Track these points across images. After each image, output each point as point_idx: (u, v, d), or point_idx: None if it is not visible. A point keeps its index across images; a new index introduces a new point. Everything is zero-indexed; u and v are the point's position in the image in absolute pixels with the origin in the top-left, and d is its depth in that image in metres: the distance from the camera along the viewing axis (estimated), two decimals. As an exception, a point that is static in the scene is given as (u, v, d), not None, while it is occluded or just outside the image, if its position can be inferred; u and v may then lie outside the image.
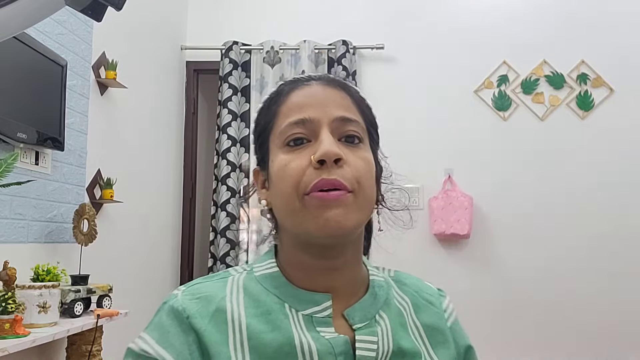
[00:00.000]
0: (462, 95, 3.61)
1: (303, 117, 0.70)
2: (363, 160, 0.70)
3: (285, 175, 0.69)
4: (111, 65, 2.73)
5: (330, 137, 0.68)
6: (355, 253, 0.74)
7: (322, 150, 0.67)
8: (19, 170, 2.09)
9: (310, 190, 0.67)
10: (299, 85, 0.75)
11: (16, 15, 0.65)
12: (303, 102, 0.72)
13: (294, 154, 0.70)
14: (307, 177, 0.67)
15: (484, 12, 3.66)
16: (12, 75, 2.05)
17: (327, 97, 0.72)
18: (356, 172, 0.68)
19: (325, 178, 0.66)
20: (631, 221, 3.44)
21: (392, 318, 0.74)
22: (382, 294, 0.76)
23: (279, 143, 0.71)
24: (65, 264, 2.26)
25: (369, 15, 3.73)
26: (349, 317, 0.71)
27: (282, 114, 0.73)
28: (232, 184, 3.58)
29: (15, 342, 1.69)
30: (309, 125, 0.70)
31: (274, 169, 0.71)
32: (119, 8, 0.73)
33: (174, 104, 3.66)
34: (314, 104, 0.71)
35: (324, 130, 0.69)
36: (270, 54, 3.63)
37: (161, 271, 3.46)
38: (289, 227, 0.71)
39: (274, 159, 0.72)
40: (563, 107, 3.58)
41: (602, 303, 3.41)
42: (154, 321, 0.70)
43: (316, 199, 0.66)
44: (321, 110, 0.71)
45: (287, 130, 0.70)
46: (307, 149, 0.70)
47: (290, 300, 0.71)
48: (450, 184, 3.54)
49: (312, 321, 0.70)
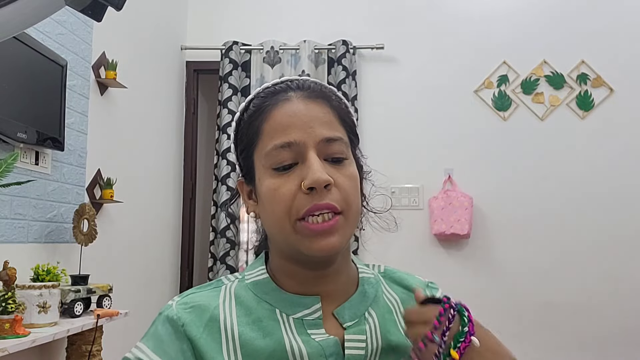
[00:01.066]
0: (462, 95, 3.61)
1: (288, 140, 0.70)
2: (349, 178, 0.71)
3: (276, 201, 0.69)
4: (111, 65, 2.73)
5: (317, 162, 0.69)
6: (344, 258, 0.76)
7: (312, 179, 0.67)
8: (19, 170, 2.09)
9: (302, 216, 0.68)
10: (279, 101, 0.74)
11: (16, 15, 0.65)
12: (287, 122, 0.71)
13: (282, 178, 0.70)
14: (297, 202, 0.68)
15: (484, 12, 3.66)
16: (12, 75, 2.05)
17: (310, 116, 0.72)
18: (344, 193, 0.70)
19: (317, 204, 0.68)
20: (631, 221, 3.44)
21: (380, 314, 0.76)
22: (371, 290, 0.78)
23: (265, 164, 0.72)
24: (65, 264, 2.26)
25: (369, 15, 3.73)
26: (338, 316, 0.73)
27: (266, 133, 0.72)
28: (232, 184, 3.57)
29: (15, 342, 1.69)
30: (295, 147, 0.70)
31: (262, 190, 0.72)
32: (119, 8, 0.73)
33: (174, 104, 3.66)
34: (298, 125, 0.71)
35: (311, 153, 0.69)
36: (270, 54, 3.63)
37: (161, 271, 3.46)
38: (279, 243, 0.73)
39: (261, 179, 0.72)
40: (563, 107, 3.57)
41: (602, 303, 3.41)
42: (150, 331, 0.71)
43: (308, 230, 0.68)
44: (306, 131, 0.70)
45: (273, 154, 0.70)
46: (294, 172, 0.70)
47: (280, 305, 0.72)
48: (450, 184, 3.54)
49: (303, 324, 0.71)
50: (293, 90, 0.75)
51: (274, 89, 0.76)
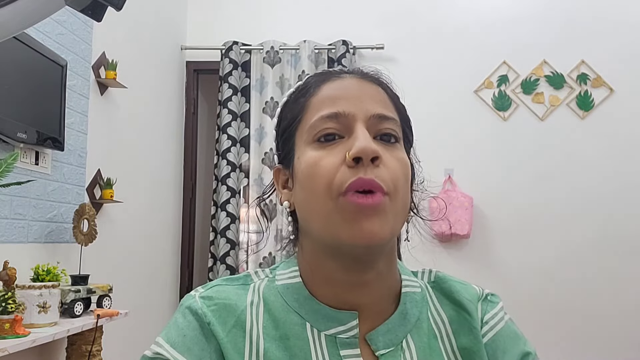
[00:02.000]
0: (462, 95, 3.61)
1: (337, 110, 0.64)
2: (399, 161, 0.64)
3: (316, 174, 0.62)
4: (111, 65, 2.73)
5: (366, 133, 0.62)
6: (388, 264, 0.67)
7: (359, 147, 0.60)
8: (19, 170, 2.09)
9: (345, 191, 0.60)
10: (330, 78, 0.68)
11: (16, 15, 0.65)
12: (336, 94, 0.65)
13: (325, 150, 0.63)
14: (340, 176, 0.60)
15: (484, 12, 3.65)
16: (12, 75, 2.05)
17: (362, 92, 0.66)
18: (393, 174, 0.62)
19: (362, 177, 0.59)
20: (631, 221, 3.43)
21: (422, 344, 0.66)
22: (414, 312, 0.68)
23: (307, 138, 0.65)
24: (65, 264, 2.26)
25: (369, 15, 3.73)
26: (371, 342, 0.64)
27: (313, 107, 0.66)
28: (232, 184, 3.58)
29: (15, 342, 1.69)
30: (342, 119, 0.63)
31: (301, 167, 0.64)
32: (119, 8, 0.73)
33: (174, 104, 3.66)
34: (348, 97, 0.65)
35: (359, 125, 0.63)
36: (270, 54, 3.63)
37: (161, 271, 3.46)
38: (316, 231, 0.64)
39: (300, 156, 0.65)
40: (563, 107, 3.57)
41: (602, 303, 3.41)
42: (170, 324, 0.64)
43: (352, 204, 0.59)
44: (356, 104, 0.64)
45: (318, 125, 0.64)
46: (339, 145, 0.63)
47: (312, 318, 0.64)
48: (450, 184, 3.54)
49: (336, 342, 0.64)
50: (346, 72, 0.70)
51: (326, 70, 0.72)
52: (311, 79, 0.71)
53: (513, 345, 0.70)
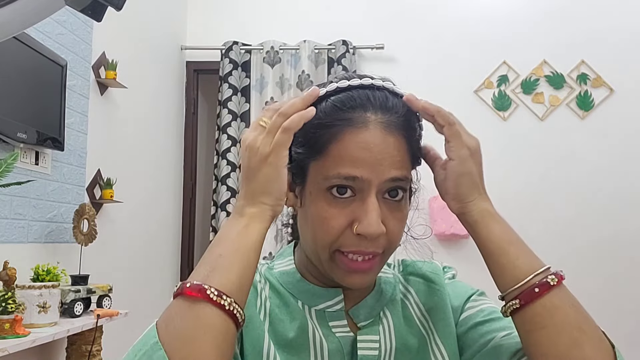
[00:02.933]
0: (462, 95, 3.61)
1: (355, 175, 0.65)
2: (400, 221, 0.69)
3: (322, 230, 0.67)
4: (111, 65, 2.73)
5: (376, 210, 0.65)
6: None
7: (366, 231, 0.64)
8: (19, 170, 2.09)
9: (344, 251, 0.67)
10: (355, 124, 0.66)
11: (16, 15, 0.65)
12: (358, 155, 0.65)
13: (335, 208, 0.66)
14: (344, 238, 0.67)
15: (484, 12, 3.66)
16: (12, 75, 2.05)
17: (383, 152, 0.66)
18: (392, 237, 0.68)
19: (363, 250, 0.67)
20: (631, 221, 3.43)
21: (396, 314, 0.75)
22: (388, 290, 0.77)
23: (322, 184, 0.67)
24: (65, 264, 2.26)
25: (369, 15, 3.73)
26: (353, 315, 0.73)
27: (333, 156, 0.66)
28: (232, 184, 3.58)
29: (15, 342, 1.69)
30: (358, 182, 0.65)
31: (311, 210, 0.68)
32: (119, 8, 0.73)
33: (174, 104, 3.66)
34: (368, 161, 0.65)
35: (372, 197, 0.65)
36: (270, 54, 3.63)
37: (161, 271, 3.46)
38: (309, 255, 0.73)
39: (313, 194, 0.68)
40: (563, 107, 3.57)
41: (602, 303, 3.40)
42: None
43: (345, 265, 0.67)
44: (375, 169, 0.65)
45: (334, 181, 0.66)
46: (350, 205, 0.66)
47: (303, 296, 0.74)
48: (450, 184, 3.54)
49: (325, 316, 0.73)
50: (373, 109, 0.67)
51: (353, 100, 0.67)
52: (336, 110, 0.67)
53: (458, 294, 0.79)
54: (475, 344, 0.73)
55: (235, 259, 0.62)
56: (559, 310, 0.65)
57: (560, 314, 0.65)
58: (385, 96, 0.69)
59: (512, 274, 0.66)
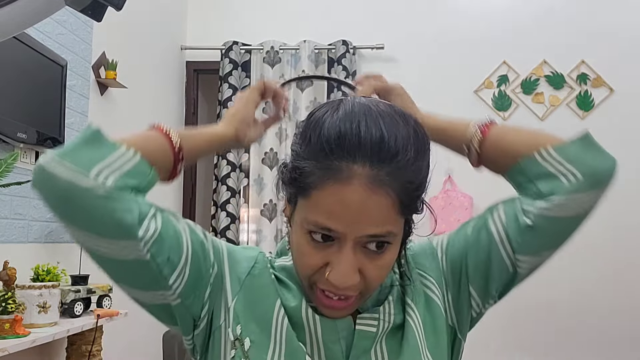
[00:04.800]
0: (462, 95, 3.61)
1: (329, 227, 0.64)
2: (381, 268, 0.67)
3: (300, 263, 0.69)
4: (111, 65, 2.73)
5: (348, 262, 0.64)
6: None
7: (335, 280, 0.65)
8: (19, 170, 2.09)
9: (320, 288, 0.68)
10: (340, 179, 0.62)
11: (16, 15, 0.65)
12: (334, 210, 0.62)
13: (314, 248, 0.66)
14: (318, 276, 0.67)
15: (484, 12, 3.66)
16: (12, 75, 2.05)
17: (362, 211, 0.62)
18: (369, 283, 0.67)
19: (334, 292, 0.67)
20: (632, 221, 3.43)
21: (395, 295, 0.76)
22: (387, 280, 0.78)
23: (303, 223, 0.66)
24: (65, 264, 2.26)
25: (369, 15, 3.73)
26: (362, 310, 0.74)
27: (314, 203, 0.64)
28: (232, 184, 3.58)
29: (15, 342, 1.69)
30: (334, 233, 0.64)
31: (294, 238, 0.70)
32: (119, 8, 0.73)
33: (174, 104, 3.66)
34: (345, 217, 0.62)
35: (346, 249, 0.64)
36: (270, 54, 3.63)
37: (161, 271, 3.46)
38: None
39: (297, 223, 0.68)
40: (563, 107, 3.57)
41: (602, 303, 3.40)
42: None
43: (321, 300, 0.68)
44: (350, 226, 0.63)
45: (312, 227, 0.65)
46: (328, 248, 0.65)
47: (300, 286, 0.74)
48: (450, 184, 3.54)
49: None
50: (362, 160, 0.62)
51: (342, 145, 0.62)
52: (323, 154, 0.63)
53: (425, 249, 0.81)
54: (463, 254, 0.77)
55: (197, 135, 0.83)
56: (509, 128, 0.86)
57: (512, 129, 0.84)
58: (381, 136, 0.62)
59: (464, 128, 0.88)
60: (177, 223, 0.72)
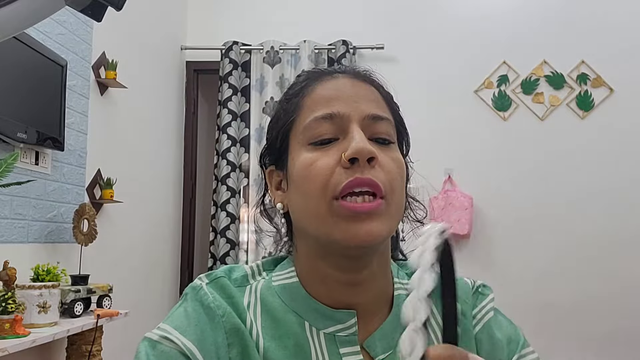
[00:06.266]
0: (462, 95, 3.61)
1: (331, 111, 0.63)
2: (395, 161, 0.64)
3: (311, 176, 0.61)
4: (111, 65, 2.73)
5: (361, 134, 0.61)
6: (382, 265, 0.67)
7: (355, 148, 0.59)
8: (19, 170, 2.09)
9: (340, 192, 0.59)
10: (324, 77, 0.68)
11: (16, 15, 0.64)
12: (331, 95, 0.65)
13: (320, 152, 0.62)
14: (336, 177, 0.60)
15: (484, 12, 3.65)
16: (12, 75, 2.05)
17: (356, 92, 0.65)
18: (389, 174, 0.62)
19: (359, 177, 0.59)
20: (632, 221, 3.43)
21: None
22: None
23: (302, 140, 0.64)
24: (65, 264, 2.26)
25: (369, 15, 3.73)
26: (369, 349, 0.64)
27: (307, 107, 0.65)
28: (232, 184, 3.58)
29: (15, 342, 1.69)
30: (337, 121, 0.63)
31: (295, 169, 0.64)
32: (119, 8, 0.73)
33: (174, 104, 3.66)
34: (343, 98, 0.64)
35: (354, 126, 0.62)
36: (270, 54, 3.63)
37: (161, 271, 3.46)
38: (311, 232, 0.64)
39: (295, 157, 0.64)
40: (563, 107, 3.57)
41: (601, 303, 3.40)
42: (176, 313, 0.63)
43: (346, 209, 0.59)
44: (351, 105, 0.64)
45: (313, 126, 0.63)
46: (334, 147, 0.62)
47: (310, 317, 0.64)
48: (450, 184, 3.54)
49: (335, 341, 0.63)
50: (339, 72, 0.69)
51: (319, 70, 0.70)
52: (304, 78, 0.70)
53: (498, 331, 0.70)
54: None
55: None
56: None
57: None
58: (351, 66, 0.72)
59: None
60: None
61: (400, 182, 0.64)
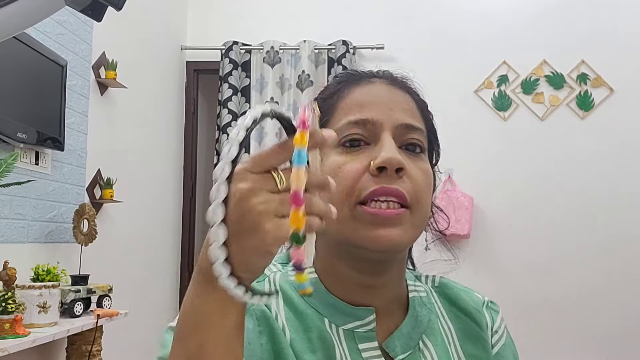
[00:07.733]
0: (462, 95, 3.61)
1: (365, 117, 0.63)
2: (423, 172, 0.64)
3: (338, 179, 0.60)
4: (111, 65, 2.73)
5: (392, 143, 0.62)
6: (400, 270, 0.69)
7: (384, 157, 0.60)
8: (19, 170, 2.09)
9: (365, 199, 0.60)
10: (360, 81, 0.68)
11: (16, 15, 0.65)
12: (365, 100, 0.65)
13: (349, 155, 0.63)
14: (363, 183, 0.61)
15: (484, 12, 3.65)
16: (12, 75, 2.05)
17: (391, 99, 0.66)
18: (416, 186, 0.62)
19: (385, 186, 0.60)
20: (631, 220, 3.43)
21: (438, 343, 0.68)
22: (425, 314, 0.69)
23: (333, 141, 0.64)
24: (65, 264, 2.26)
25: (369, 15, 3.73)
26: (389, 348, 0.65)
27: (341, 110, 0.66)
28: (232, 184, 3.57)
29: (15, 342, 1.69)
30: (370, 127, 0.63)
31: (323, 169, 0.62)
32: (119, 8, 0.73)
33: (174, 104, 3.66)
34: (377, 104, 0.64)
35: (386, 134, 0.62)
36: (270, 54, 3.63)
37: (161, 271, 3.46)
38: (332, 234, 0.63)
39: (324, 157, 0.64)
40: (563, 107, 3.57)
41: (601, 302, 3.40)
42: None
43: (369, 214, 0.60)
44: (385, 112, 0.64)
45: (344, 129, 0.63)
46: (364, 152, 0.63)
47: (329, 313, 0.65)
48: (450, 184, 3.54)
49: (354, 337, 0.64)
50: (376, 76, 0.70)
51: (356, 72, 0.71)
52: (340, 79, 0.70)
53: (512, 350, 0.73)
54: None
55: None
56: None
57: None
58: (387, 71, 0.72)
59: None
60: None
61: (427, 192, 0.65)
